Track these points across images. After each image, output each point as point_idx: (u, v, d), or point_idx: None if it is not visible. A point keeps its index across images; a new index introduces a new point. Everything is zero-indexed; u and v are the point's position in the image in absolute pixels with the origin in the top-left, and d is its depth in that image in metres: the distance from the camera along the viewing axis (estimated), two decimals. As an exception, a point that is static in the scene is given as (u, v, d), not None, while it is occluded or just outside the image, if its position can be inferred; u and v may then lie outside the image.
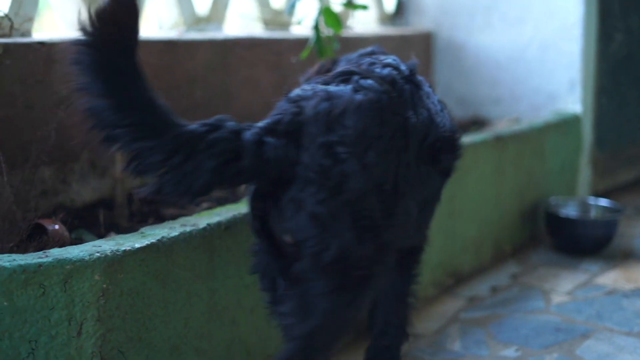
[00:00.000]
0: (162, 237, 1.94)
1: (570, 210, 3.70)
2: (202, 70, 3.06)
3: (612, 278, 3.22)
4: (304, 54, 3.05)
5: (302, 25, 3.35)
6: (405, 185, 1.84)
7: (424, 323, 2.79)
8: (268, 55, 3.35)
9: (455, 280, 3.17)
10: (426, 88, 2.02)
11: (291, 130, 1.71)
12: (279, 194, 1.72)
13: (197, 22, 3.27)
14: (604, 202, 3.73)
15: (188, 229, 2.01)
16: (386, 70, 1.90)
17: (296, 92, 1.82)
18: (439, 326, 2.77)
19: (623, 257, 3.47)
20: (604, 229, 3.52)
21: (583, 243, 3.48)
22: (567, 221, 3.53)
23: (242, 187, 2.68)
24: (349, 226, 1.70)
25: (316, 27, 3.07)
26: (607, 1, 4.05)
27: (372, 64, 1.95)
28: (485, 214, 3.35)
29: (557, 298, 3.01)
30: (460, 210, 3.14)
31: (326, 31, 3.10)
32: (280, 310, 1.81)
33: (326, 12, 3.06)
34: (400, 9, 4.56)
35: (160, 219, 2.40)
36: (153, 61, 2.86)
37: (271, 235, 1.78)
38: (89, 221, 2.46)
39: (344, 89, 1.78)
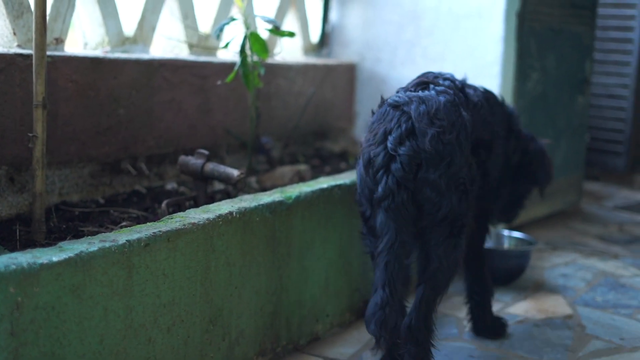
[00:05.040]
0: (81, 252, 1.92)
1: (484, 242, 3.78)
2: (126, 90, 3.05)
3: (523, 308, 3.30)
4: (230, 77, 3.07)
5: (229, 50, 3.37)
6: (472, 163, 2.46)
7: (340, 348, 2.82)
8: (193, 79, 3.36)
9: (372, 306, 3.19)
10: (475, 99, 2.61)
11: (410, 131, 2.26)
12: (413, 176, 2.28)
13: (122, 42, 3.26)
14: (517, 234, 3.83)
15: (107, 244, 2.00)
16: (447, 82, 2.50)
17: (393, 98, 2.34)
18: (355, 351, 2.80)
19: (534, 288, 3.57)
20: (516, 260, 3.60)
21: (496, 273, 3.54)
22: (482, 252, 3.59)
23: (163, 206, 2.69)
24: (454, 191, 2.31)
25: (242, 52, 3.10)
26: (524, 41, 4.19)
27: (436, 77, 2.53)
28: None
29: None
30: (379, 238, 3.17)
31: (252, 57, 3.14)
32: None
33: (253, 37, 3.10)
34: (325, 40, 4.64)
35: (78, 236, 2.37)
36: (77, 78, 2.84)
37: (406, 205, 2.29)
38: (4, 237, 2.41)
39: (429, 93, 2.35)
